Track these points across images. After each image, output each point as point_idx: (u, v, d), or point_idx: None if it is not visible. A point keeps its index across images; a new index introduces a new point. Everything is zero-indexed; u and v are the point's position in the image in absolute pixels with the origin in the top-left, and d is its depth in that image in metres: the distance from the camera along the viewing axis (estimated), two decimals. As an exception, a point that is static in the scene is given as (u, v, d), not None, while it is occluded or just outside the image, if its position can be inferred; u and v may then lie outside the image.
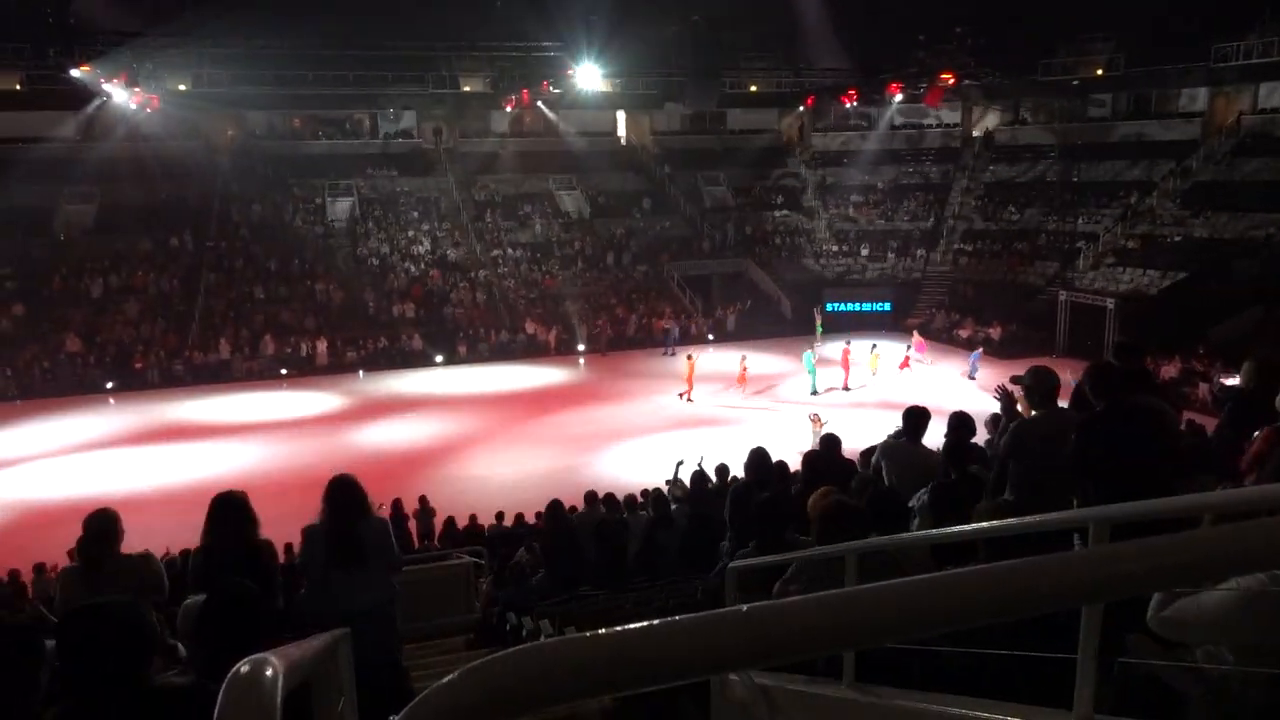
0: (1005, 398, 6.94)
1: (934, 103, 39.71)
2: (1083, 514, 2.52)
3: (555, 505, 9.56)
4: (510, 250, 36.29)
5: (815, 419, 18.76)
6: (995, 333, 30.69)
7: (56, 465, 20.08)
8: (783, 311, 35.13)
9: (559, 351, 31.46)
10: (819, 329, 29.77)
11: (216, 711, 0.96)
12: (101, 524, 4.88)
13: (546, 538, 9.32)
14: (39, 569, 12.50)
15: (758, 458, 7.30)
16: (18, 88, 34.28)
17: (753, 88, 43.78)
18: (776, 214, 40.81)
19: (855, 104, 41.30)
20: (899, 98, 39.69)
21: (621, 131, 44.82)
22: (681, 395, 24.56)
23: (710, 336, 33.27)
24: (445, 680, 0.70)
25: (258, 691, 0.99)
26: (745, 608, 0.76)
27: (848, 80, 41.02)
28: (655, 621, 0.72)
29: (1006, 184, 39.35)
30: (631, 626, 0.73)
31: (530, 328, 32.09)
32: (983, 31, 37.53)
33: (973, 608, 0.91)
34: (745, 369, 25.44)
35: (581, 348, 31.60)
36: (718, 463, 11.81)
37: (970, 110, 42.67)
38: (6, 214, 31.49)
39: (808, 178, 42.59)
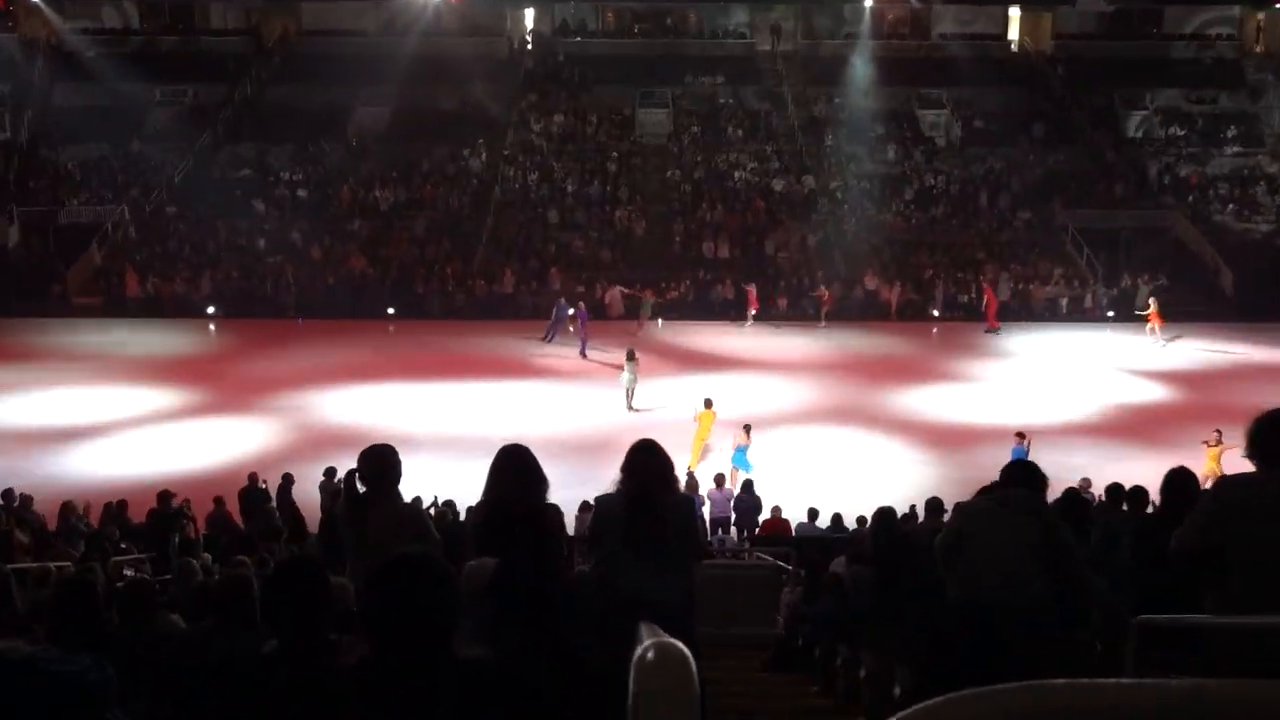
0: None
1: None
2: None
3: (885, 514, 9.43)
4: (854, 182, 35.90)
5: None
6: None
7: (332, 395, 22.76)
8: (1221, 286, 31.91)
9: (903, 316, 30.76)
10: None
11: (632, 689, 1.03)
12: (378, 461, 5.42)
13: (876, 551, 9.21)
14: (329, 472, 14.53)
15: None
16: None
17: (1208, -25, 39.82)
18: (1225, 151, 37.23)
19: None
20: None
21: (1013, 34, 42.67)
22: None
23: (1110, 314, 30.92)
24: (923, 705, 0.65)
25: (680, 680, 1.03)
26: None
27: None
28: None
29: None
30: (1169, 682, 0.63)
31: (871, 282, 31.62)
32: None
33: None
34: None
35: (935, 313, 30.71)
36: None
37: None
38: (304, 113, 36.01)
39: (1276, 102, 38.22)
